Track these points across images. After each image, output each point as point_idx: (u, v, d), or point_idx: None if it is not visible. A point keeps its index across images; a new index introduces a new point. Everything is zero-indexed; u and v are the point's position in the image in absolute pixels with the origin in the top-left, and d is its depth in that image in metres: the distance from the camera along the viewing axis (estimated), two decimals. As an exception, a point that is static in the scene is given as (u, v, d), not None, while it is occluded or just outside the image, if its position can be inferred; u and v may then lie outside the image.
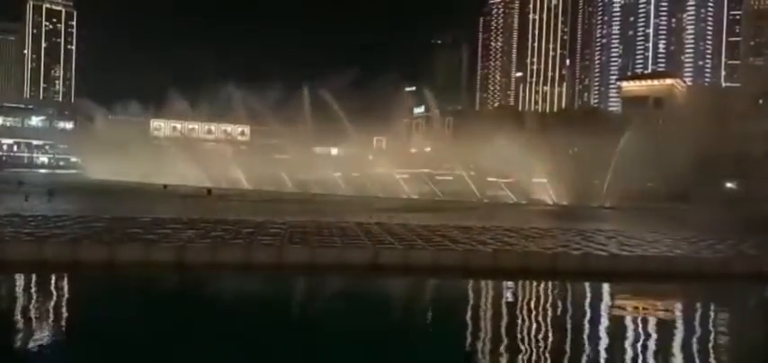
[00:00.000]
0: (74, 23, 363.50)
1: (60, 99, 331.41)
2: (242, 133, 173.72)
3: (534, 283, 20.33)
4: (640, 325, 15.80)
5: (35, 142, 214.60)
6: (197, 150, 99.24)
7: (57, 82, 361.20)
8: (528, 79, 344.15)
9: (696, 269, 22.21)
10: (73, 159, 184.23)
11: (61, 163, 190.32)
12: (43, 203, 41.56)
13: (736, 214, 45.70)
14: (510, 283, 20.15)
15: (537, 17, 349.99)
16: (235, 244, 21.93)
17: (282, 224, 29.00)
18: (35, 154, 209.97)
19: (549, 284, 20.27)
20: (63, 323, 14.95)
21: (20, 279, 18.75)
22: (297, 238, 23.84)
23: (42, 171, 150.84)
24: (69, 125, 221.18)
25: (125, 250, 20.63)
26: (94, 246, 20.87)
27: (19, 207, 36.85)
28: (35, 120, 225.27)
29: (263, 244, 22.02)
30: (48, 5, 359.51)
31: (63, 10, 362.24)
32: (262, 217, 32.68)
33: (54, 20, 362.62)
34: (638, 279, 21.35)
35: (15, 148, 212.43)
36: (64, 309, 16.12)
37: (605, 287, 20.72)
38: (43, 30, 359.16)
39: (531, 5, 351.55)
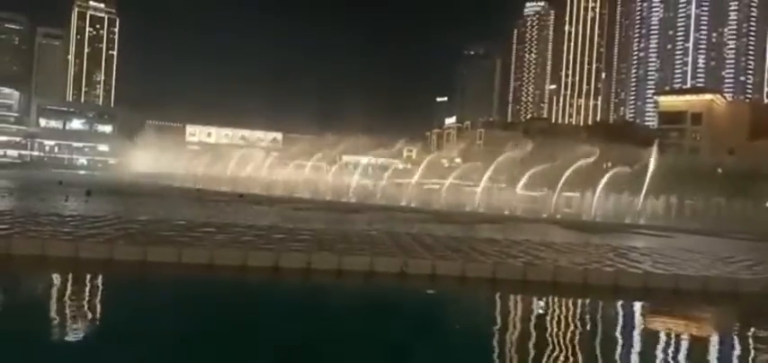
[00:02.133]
0: (116, 30, 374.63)
1: (100, 103, 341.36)
2: (274, 140, 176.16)
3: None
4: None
5: (75, 144, 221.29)
6: (230, 156, 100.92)
7: (98, 86, 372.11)
8: (562, 92, 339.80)
9: (732, 289, 21.51)
10: (111, 161, 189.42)
11: (99, 165, 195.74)
12: (82, 203, 42.81)
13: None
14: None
15: (573, 29, 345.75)
16: (265, 249, 22.17)
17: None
18: (75, 156, 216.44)
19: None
20: (93, 317, 15.31)
21: (56, 277, 19.28)
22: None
23: (81, 172, 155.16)
24: (108, 128, 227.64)
25: (157, 251, 21.05)
26: (128, 247, 21.35)
27: (60, 206, 38.08)
28: (76, 123, 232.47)
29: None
30: (92, 12, 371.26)
31: (106, 17, 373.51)
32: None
33: (97, 26, 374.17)
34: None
35: (56, 149, 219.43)
36: (97, 305, 16.53)
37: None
38: (86, 35, 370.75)
39: (566, 17, 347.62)
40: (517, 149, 74.92)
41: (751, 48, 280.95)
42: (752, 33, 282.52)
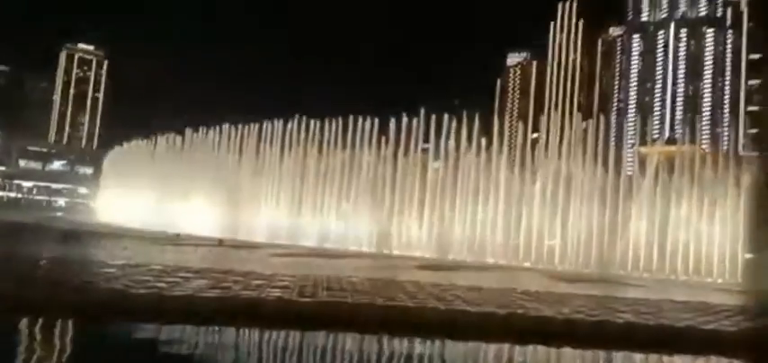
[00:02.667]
0: (103, 72, 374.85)
1: (83, 145, 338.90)
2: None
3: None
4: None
5: (54, 186, 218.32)
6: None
7: (81, 128, 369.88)
8: (544, 140, 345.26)
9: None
10: (90, 204, 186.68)
11: (79, 208, 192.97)
12: (60, 247, 41.96)
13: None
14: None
15: (554, 79, 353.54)
16: (244, 295, 21.77)
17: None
18: (53, 198, 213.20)
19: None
20: None
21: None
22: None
23: (59, 214, 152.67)
24: (90, 170, 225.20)
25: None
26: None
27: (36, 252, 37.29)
28: (57, 165, 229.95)
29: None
30: (80, 54, 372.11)
31: (94, 59, 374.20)
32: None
33: (85, 68, 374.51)
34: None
35: (35, 191, 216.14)
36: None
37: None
38: (73, 77, 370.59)
39: (548, 68, 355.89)
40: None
41: (725, 101, 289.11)
42: (726, 87, 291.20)
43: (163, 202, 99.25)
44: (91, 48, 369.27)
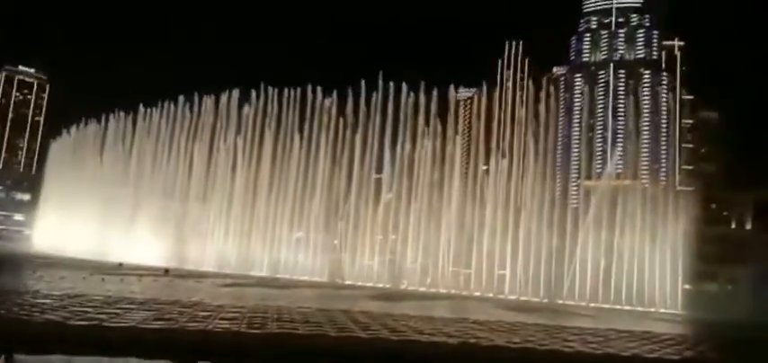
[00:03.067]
0: (45, 95, 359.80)
1: (21, 169, 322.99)
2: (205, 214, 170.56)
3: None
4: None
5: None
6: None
7: (19, 152, 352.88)
8: (493, 173, 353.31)
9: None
10: (26, 231, 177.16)
11: (13, 236, 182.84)
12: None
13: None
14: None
15: (502, 115, 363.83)
16: (191, 327, 20.98)
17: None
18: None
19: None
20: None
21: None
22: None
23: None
24: (27, 196, 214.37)
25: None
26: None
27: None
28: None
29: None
30: (20, 77, 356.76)
31: (35, 82, 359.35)
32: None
33: (25, 91, 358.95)
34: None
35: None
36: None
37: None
38: (12, 100, 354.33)
39: (496, 103, 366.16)
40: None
41: (663, 138, 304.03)
42: (663, 126, 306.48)
43: (105, 229, 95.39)
44: (32, 70, 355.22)
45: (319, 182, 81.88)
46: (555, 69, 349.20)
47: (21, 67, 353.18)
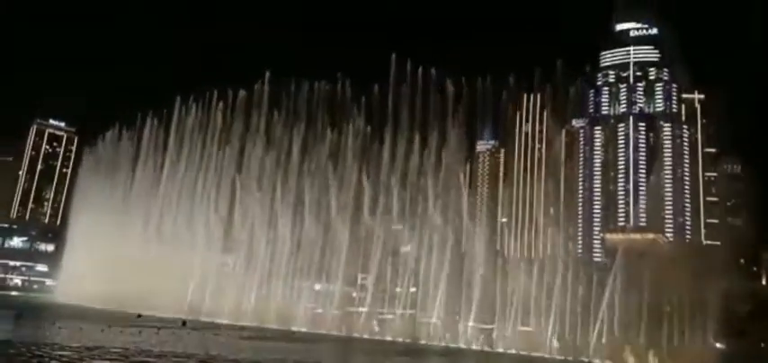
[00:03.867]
0: (73, 148, 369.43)
1: (46, 220, 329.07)
2: (226, 264, 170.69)
3: None
4: None
5: (12, 263, 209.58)
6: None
7: (46, 203, 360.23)
8: (513, 225, 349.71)
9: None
10: (48, 282, 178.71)
11: (35, 286, 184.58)
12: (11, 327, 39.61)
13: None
14: None
15: (522, 167, 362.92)
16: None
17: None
18: (9, 276, 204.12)
19: None
20: None
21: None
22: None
23: (13, 293, 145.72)
24: (51, 247, 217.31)
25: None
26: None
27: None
28: (16, 241, 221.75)
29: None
30: (51, 130, 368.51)
31: (65, 135, 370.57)
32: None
33: (55, 143, 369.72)
34: None
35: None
36: None
37: None
38: (42, 152, 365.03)
39: (515, 156, 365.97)
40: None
41: (686, 191, 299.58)
42: (686, 178, 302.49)
43: (125, 280, 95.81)
44: (62, 123, 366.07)
45: (339, 235, 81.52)
46: (574, 122, 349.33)
47: (51, 121, 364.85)
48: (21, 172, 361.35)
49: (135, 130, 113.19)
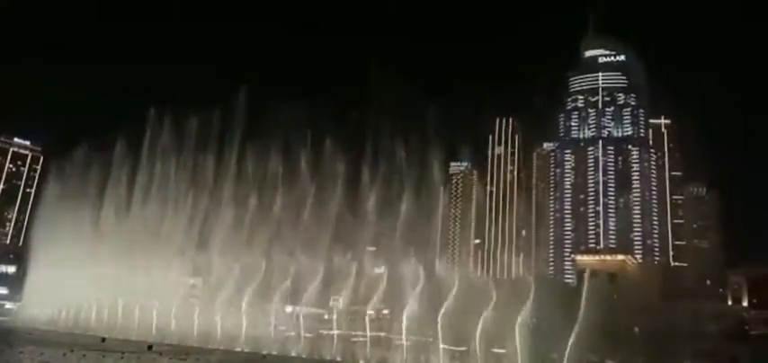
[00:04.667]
0: (38, 167, 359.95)
1: (8, 241, 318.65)
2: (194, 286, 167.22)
3: None
4: None
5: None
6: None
7: (8, 223, 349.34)
8: (486, 247, 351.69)
9: None
10: (8, 305, 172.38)
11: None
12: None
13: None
14: None
15: (494, 189, 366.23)
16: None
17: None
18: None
19: None
20: None
21: None
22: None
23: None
24: (12, 269, 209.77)
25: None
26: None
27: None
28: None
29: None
30: (15, 149, 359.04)
31: (30, 154, 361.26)
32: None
33: (18, 163, 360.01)
34: None
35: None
36: None
37: None
38: (5, 172, 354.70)
39: (488, 178, 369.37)
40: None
41: (654, 213, 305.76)
42: (654, 200, 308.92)
43: (89, 303, 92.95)
44: (27, 142, 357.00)
45: (310, 256, 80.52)
46: (545, 145, 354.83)
47: (15, 139, 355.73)
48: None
49: (104, 150, 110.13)
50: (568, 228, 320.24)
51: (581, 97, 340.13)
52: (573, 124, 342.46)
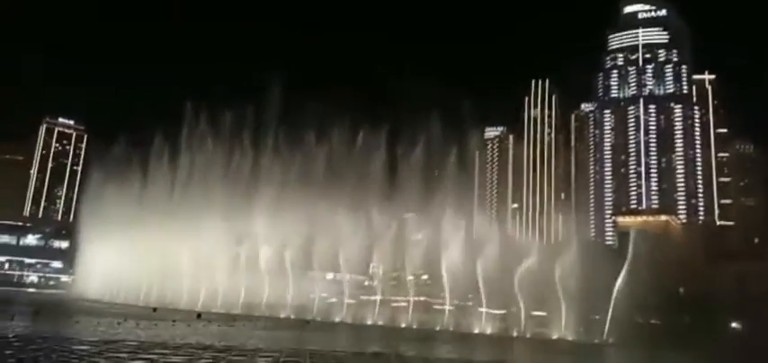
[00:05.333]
0: (83, 145, 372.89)
1: (59, 218, 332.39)
2: (239, 256, 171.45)
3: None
4: None
5: (28, 260, 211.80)
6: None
7: (58, 201, 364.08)
8: (524, 211, 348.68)
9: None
10: (63, 278, 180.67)
11: (51, 283, 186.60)
12: (31, 323, 40.13)
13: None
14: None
15: (531, 153, 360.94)
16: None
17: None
18: (26, 273, 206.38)
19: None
20: None
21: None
22: None
23: (30, 290, 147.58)
24: (65, 244, 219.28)
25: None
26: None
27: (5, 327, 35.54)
28: (31, 238, 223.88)
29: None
30: (60, 129, 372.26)
31: (74, 132, 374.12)
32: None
33: (64, 142, 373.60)
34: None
35: (6, 266, 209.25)
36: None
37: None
38: (52, 151, 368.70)
39: (524, 142, 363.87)
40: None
41: (699, 172, 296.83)
42: (698, 159, 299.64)
43: (140, 275, 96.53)
44: (71, 122, 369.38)
45: (350, 224, 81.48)
46: (583, 106, 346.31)
47: (60, 119, 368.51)
48: (32, 171, 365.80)
49: (146, 130, 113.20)
50: (609, 190, 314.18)
51: (620, 55, 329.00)
52: (612, 83, 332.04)
